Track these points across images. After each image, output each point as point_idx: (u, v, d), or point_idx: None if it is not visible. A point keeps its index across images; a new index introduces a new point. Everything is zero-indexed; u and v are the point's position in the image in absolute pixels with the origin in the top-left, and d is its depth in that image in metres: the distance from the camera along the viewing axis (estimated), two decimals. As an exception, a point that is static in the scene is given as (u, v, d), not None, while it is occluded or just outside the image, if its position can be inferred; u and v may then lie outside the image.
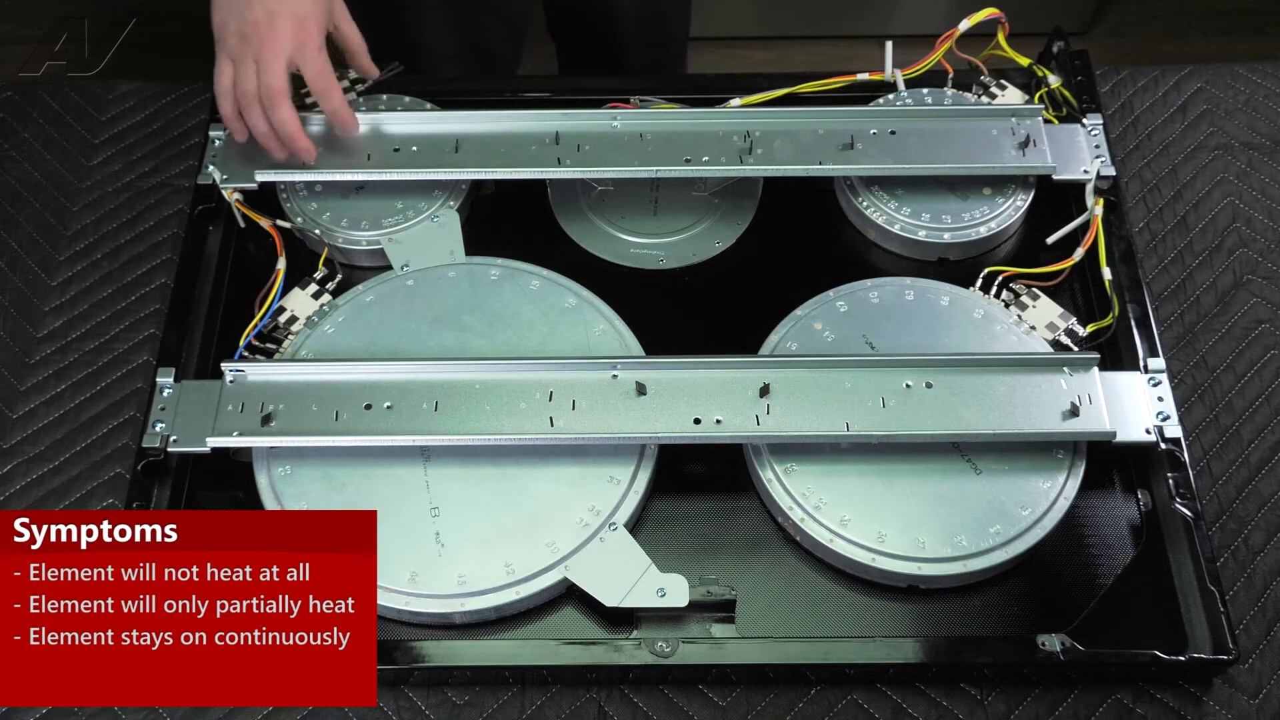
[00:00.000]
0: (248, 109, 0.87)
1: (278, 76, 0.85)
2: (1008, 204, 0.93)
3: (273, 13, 0.85)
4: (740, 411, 0.80)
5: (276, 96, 0.86)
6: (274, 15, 0.85)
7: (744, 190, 0.96)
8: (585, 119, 0.94)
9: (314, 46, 0.86)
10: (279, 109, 0.86)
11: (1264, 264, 0.94)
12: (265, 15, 0.85)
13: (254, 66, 0.85)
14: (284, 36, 0.85)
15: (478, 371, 0.82)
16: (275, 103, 0.86)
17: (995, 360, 0.82)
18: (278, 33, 0.85)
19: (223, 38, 0.87)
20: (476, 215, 0.95)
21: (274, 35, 0.85)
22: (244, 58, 0.86)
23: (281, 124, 0.87)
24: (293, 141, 0.88)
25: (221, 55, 0.88)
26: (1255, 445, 0.85)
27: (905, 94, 0.97)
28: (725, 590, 0.76)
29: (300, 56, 0.86)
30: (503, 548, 0.76)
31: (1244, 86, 1.05)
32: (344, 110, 0.90)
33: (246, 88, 0.86)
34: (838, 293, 0.88)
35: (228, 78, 0.87)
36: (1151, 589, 0.77)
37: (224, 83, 0.88)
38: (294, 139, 0.88)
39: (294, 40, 0.85)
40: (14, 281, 0.94)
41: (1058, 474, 0.79)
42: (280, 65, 0.85)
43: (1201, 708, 0.75)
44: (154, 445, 0.80)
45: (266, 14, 0.85)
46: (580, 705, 0.76)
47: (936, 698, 0.76)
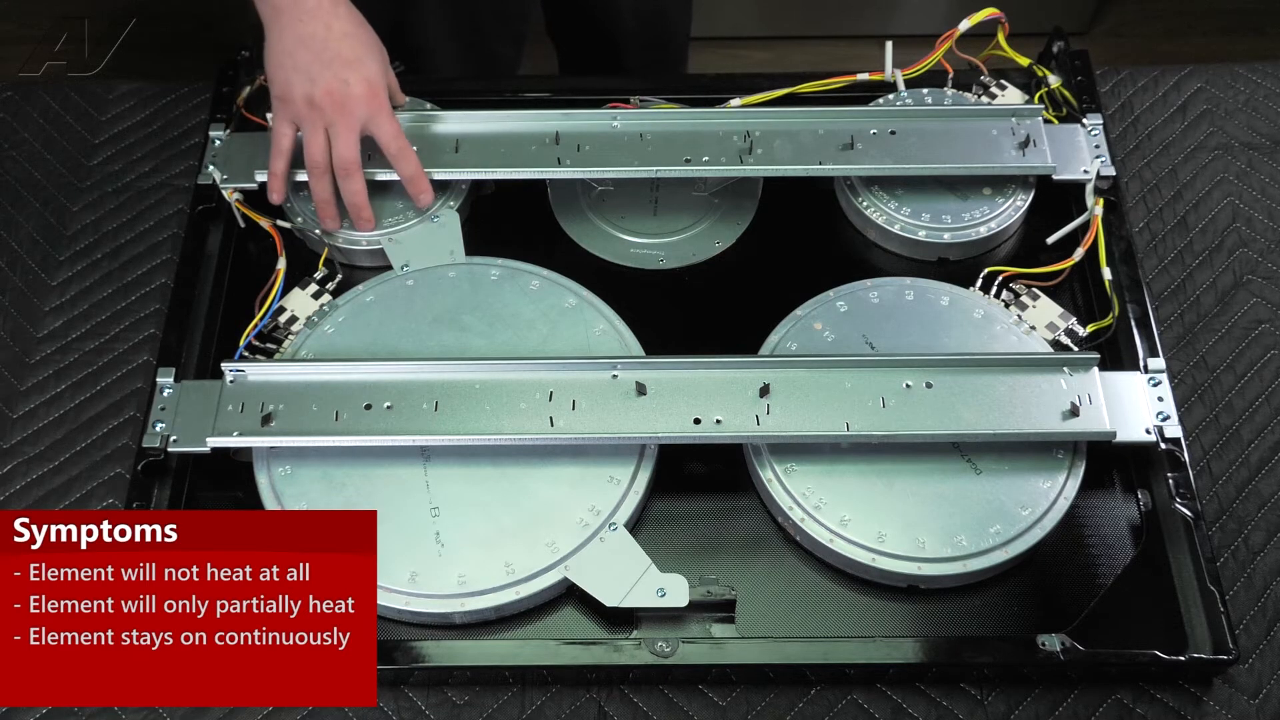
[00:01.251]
0: (316, 178, 0.86)
1: (354, 148, 0.85)
2: (1008, 204, 0.93)
3: (346, 81, 0.83)
4: (740, 411, 0.80)
5: (353, 169, 0.86)
6: (348, 84, 0.83)
7: (744, 190, 0.96)
8: (585, 119, 0.94)
9: (386, 112, 0.86)
10: (353, 181, 0.86)
11: (1264, 264, 0.94)
12: (339, 83, 0.83)
13: (324, 135, 0.84)
14: (359, 105, 0.84)
15: (478, 371, 0.82)
16: (350, 175, 0.86)
17: (995, 360, 0.82)
18: (353, 102, 0.84)
19: (286, 98, 0.85)
20: (476, 215, 0.95)
21: (350, 104, 0.84)
22: (314, 125, 0.84)
23: (353, 194, 0.87)
24: (360, 211, 0.88)
25: (282, 118, 0.86)
26: (1255, 445, 0.85)
27: (905, 94, 0.97)
28: (725, 590, 0.76)
29: (374, 124, 0.85)
30: (503, 548, 0.76)
31: (1244, 86, 1.05)
32: (420, 176, 0.88)
33: (318, 158, 0.86)
34: (838, 293, 0.88)
35: (288, 140, 0.87)
36: (1151, 589, 0.77)
37: (283, 144, 0.87)
38: (361, 209, 0.88)
39: (369, 108, 0.84)
40: (14, 281, 0.94)
41: (1058, 474, 0.79)
42: (356, 136, 0.85)
43: (1201, 708, 0.75)
44: (154, 445, 0.80)
45: (340, 82, 0.83)
46: (580, 705, 0.76)
47: (936, 698, 0.76)
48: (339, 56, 0.84)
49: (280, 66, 0.85)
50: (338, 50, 0.83)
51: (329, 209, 0.88)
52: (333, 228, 0.89)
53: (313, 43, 0.83)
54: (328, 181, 0.87)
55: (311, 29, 0.83)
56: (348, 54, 0.84)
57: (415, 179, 0.89)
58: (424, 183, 0.89)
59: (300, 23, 0.83)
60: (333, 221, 0.89)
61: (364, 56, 0.85)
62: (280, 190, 0.90)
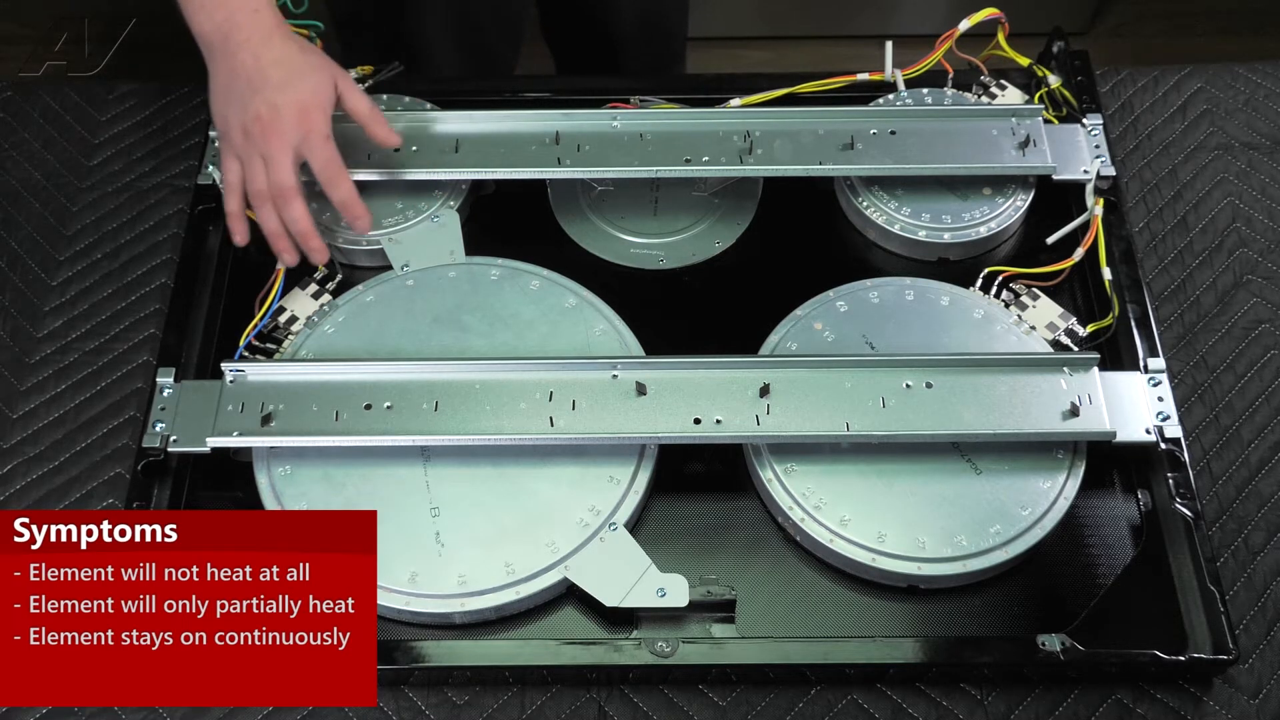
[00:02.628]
0: (259, 208, 0.84)
1: (287, 173, 0.82)
2: (1008, 204, 0.93)
3: (275, 105, 0.81)
4: (740, 411, 0.79)
5: (288, 195, 0.83)
6: (277, 107, 0.81)
7: (744, 190, 0.96)
8: (585, 119, 0.94)
9: (320, 135, 0.83)
10: (291, 207, 0.83)
11: (1264, 264, 0.94)
12: (268, 108, 0.81)
13: (262, 163, 0.83)
14: (289, 129, 0.81)
15: (478, 371, 0.81)
16: (288, 201, 0.83)
17: (995, 360, 0.82)
18: (282, 126, 0.81)
19: (226, 133, 0.84)
20: (476, 215, 0.95)
21: (279, 129, 0.81)
22: (250, 155, 0.83)
23: (294, 223, 0.84)
24: (305, 240, 0.85)
25: (227, 152, 0.85)
26: (1255, 445, 0.85)
27: (905, 94, 0.97)
28: (725, 590, 0.76)
29: (306, 147, 0.82)
30: (503, 548, 0.76)
31: (1244, 86, 1.05)
32: (354, 202, 0.85)
33: (256, 186, 0.83)
34: (838, 293, 0.88)
35: (235, 174, 0.85)
36: (1151, 589, 0.77)
37: (231, 179, 0.85)
38: (307, 238, 0.85)
39: (299, 130, 0.82)
40: (14, 281, 0.94)
41: (1058, 474, 0.79)
42: (289, 160, 0.82)
43: (1201, 708, 0.75)
44: (154, 445, 0.80)
45: (269, 106, 0.81)
46: (580, 705, 0.76)
47: (936, 698, 0.76)
48: (269, 82, 0.82)
49: (217, 102, 0.84)
50: (268, 77, 0.82)
51: (280, 240, 0.85)
52: (289, 261, 0.86)
53: (243, 73, 0.82)
54: (271, 210, 0.84)
55: (241, 60, 0.82)
56: (277, 79, 0.82)
57: (347, 204, 0.85)
58: (358, 208, 0.85)
59: (231, 56, 0.82)
60: (288, 254, 0.86)
61: (295, 80, 0.82)
62: (242, 231, 0.87)
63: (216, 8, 0.82)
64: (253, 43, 0.82)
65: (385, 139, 0.87)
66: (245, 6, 0.83)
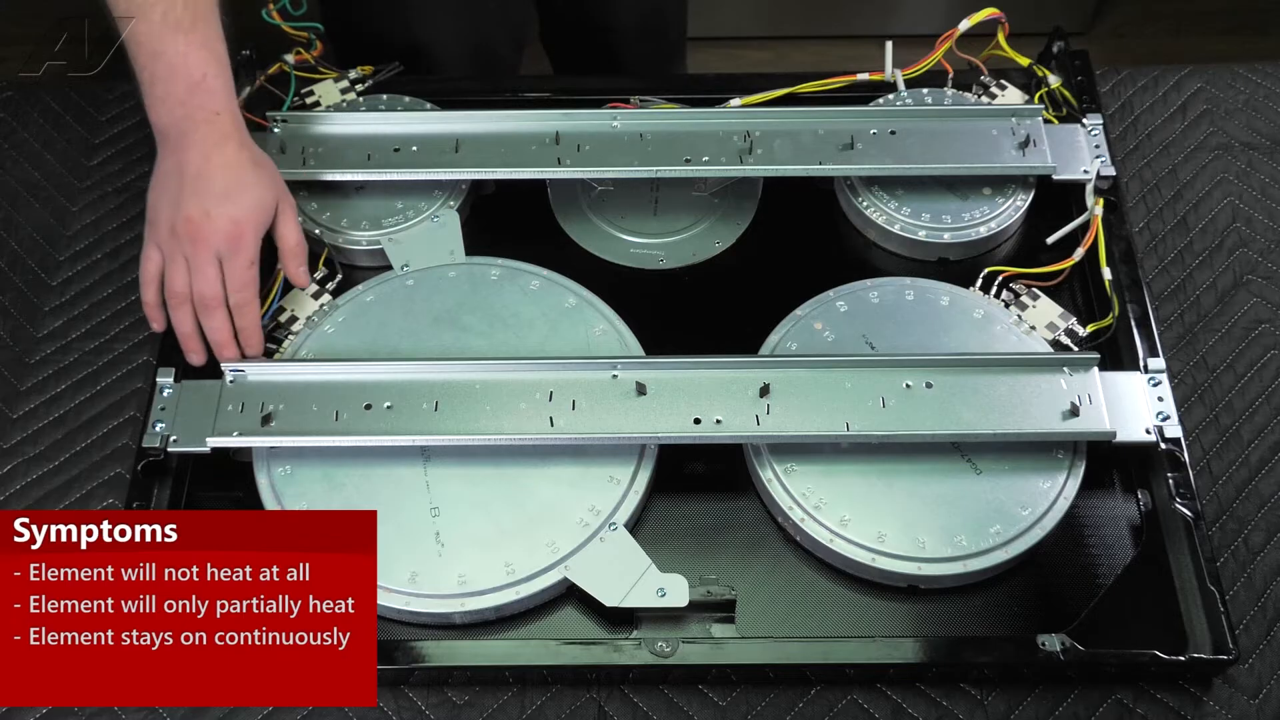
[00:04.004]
0: (175, 308, 0.82)
1: (213, 284, 0.80)
2: (1008, 204, 0.93)
3: (208, 212, 0.79)
4: (740, 411, 0.79)
5: (211, 305, 0.81)
6: (209, 215, 0.79)
7: (744, 190, 0.96)
8: (585, 119, 0.94)
9: (244, 258, 0.80)
10: (213, 317, 0.81)
11: (1264, 264, 0.94)
12: (200, 213, 0.79)
13: (184, 265, 0.80)
14: (216, 239, 0.79)
15: (478, 371, 0.81)
16: (210, 312, 0.81)
17: (995, 360, 0.82)
18: (211, 235, 0.79)
19: (154, 223, 0.82)
20: (476, 215, 0.95)
21: (206, 236, 0.79)
22: (174, 254, 0.80)
23: (214, 331, 0.82)
24: (220, 350, 0.82)
25: (150, 240, 0.82)
26: (1255, 445, 0.85)
27: (905, 94, 0.97)
28: (725, 590, 0.76)
29: (229, 265, 0.80)
30: (503, 548, 0.76)
31: (1244, 86, 1.05)
32: (254, 332, 0.83)
33: (176, 287, 0.81)
34: (838, 293, 0.88)
35: (155, 265, 0.82)
36: (1151, 589, 0.77)
37: (151, 270, 0.83)
38: (222, 348, 0.82)
39: (226, 246, 0.80)
40: (14, 281, 0.94)
41: (1058, 474, 0.79)
42: (214, 271, 0.80)
43: (1201, 708, 0.75)
44: (154, 445, 0.80)
45: (202, 212, 0.79)
46: (580, 705, 0.76)
47: (936, 698, 0.76)
48: (209, 188, 0.80)
49: (154, 191, 0.82)
50: (210, 181, 0.80)
51: (191, 341, 0.83)
52: (197, 362, 0.83)
53: (186, 171, 0.80)
54: (187, 312, 0.82)
55: (189, 158, 0.80)
56: (219, 187, 0.80)
57: (247, 331, 0.82)
58: (255, 337, 0.83)
59: (181, 150, 0.80)
60: (197, 356, 0.83)
61: (237, 192, 0.80)
62: (159, 320, 0.85)
63: (176, 104, 0.80)
64: (206, 144, 0.80)
65: (295, 277, 0.86)
66: (206, 107, 0.80)
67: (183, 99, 0.80)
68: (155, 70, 0.80)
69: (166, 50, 0.79)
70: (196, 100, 0.80)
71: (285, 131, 0.93)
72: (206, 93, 0.80)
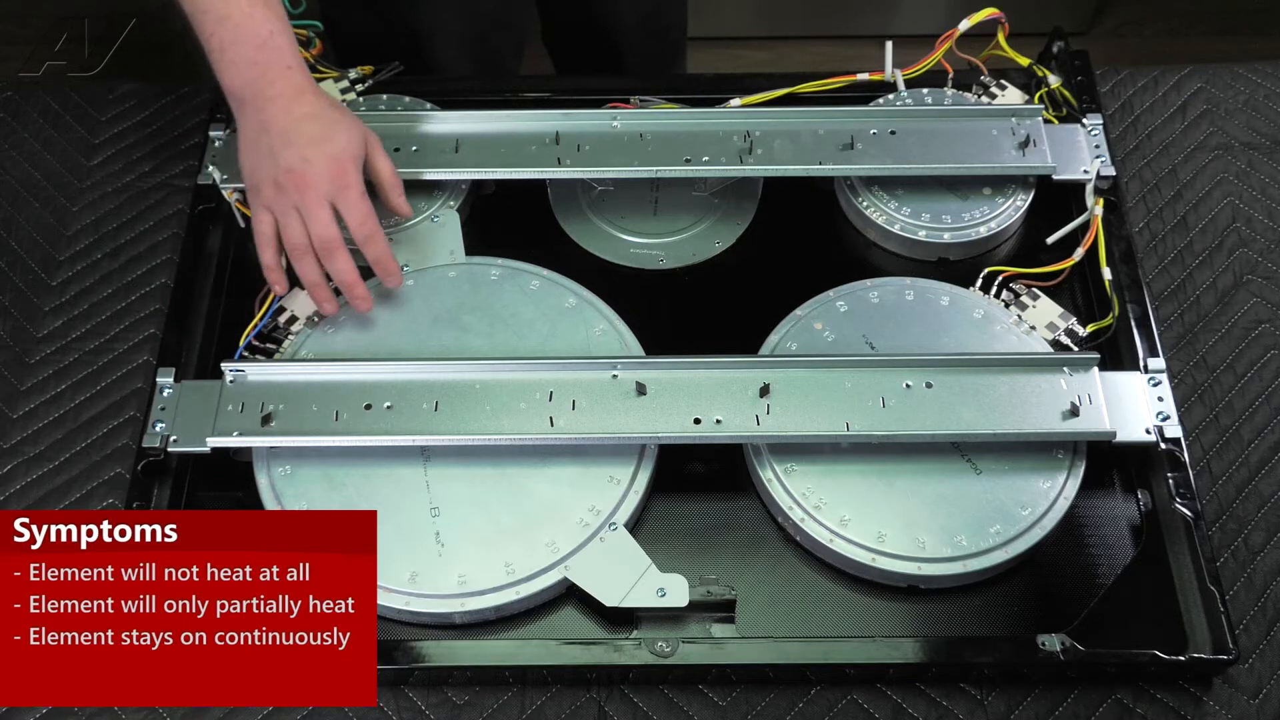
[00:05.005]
0: (299, 260, 0.82)
1: (328, 226, 0.81)
2: (1008, 204, 0.93)
3: (307, 158, 0.80)
4: (740, 411, 0.80)
5: (333, 247, 0.81)
6: (308, 161, 0.80)
7: (744, 190, 0.96)
8: (585, 119, 0.94)
9: (354, 191, 0.81)
10: (337, 259, 0.82)
11: (1264, 264, 0.94)
12: (300, 161, 0.80)
13: (298, 216, 0.81)
14: (323, 181, 0.80)
15: (478, 371, 0.82)
16: (333, 254, 0.82)
17: (995, 360, 0.82)
18: (316, 179, 0.80)
19: (256, 186, 0.82)
20: (476, 215, 0.95)
21: (313, 182, 0.80)
22: (285, 208, 0.81)
23: (341, 273, 0.82)
24: (351, 290, 0.83)
25: (257, 205, 0.83)
26: (1255, 445, 0.85)
27: (905, 94, 0.97)
28: (725, 590, 0.76)
29: (341, 201, 0.81)
30: (503, 548, 0.76)
31: (1244, 86, 1.05)
32: (388, 260, 0.84)
33: (295, 240, 0.82)
34: (838, 293, 0.88)
35: (269, 226, 0.83)
36: (1151, 589, 0.77)
37: (266, 231, 0.83)
38: (353, 287, 0.83)
39: (333, 185, 0.80)
40: (14, 281, 0.94)
41: (1058, 474, 0.79)
42: (327, 213, 0.81)
43: (1201, 708, 0.75)
44: (154, 445, 0.80)
45: (301, 160, 0.80)
46: (580, 705, 0.76)
47: (936, 698, 0.76)
48: (302, 136, 0.81)
49: (247, 155, 0.83)
50: (300, 131, 0.81)
51: (321, 290, 0.84)
52: (330, 310, 0.85)
53: (273, 128, 0.81)
54: (311, 262, 0.82)
55: (272, 114, 0.81)
56: (311, 133, 0.81)
57: (381, 262, 0.84)
58: (392, 265, 0.84)
59: (262, 110, 0.81)
60: (329, 304, 0.85)
61: (329, 135, 0.81)
62: (282, 282, 0.85)
63: (248, 64, 0.81)
64: (284, 98, 0.81)
65: (399, 207, 0.87)
66: (278, 63, 0.81)
67: (254, 58, 0.81)
68: (223, 35, 0.81)
69: (232, 13, 0.81)
70: (267, 58, 0.81)
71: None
72: (275, 50, 0.81)
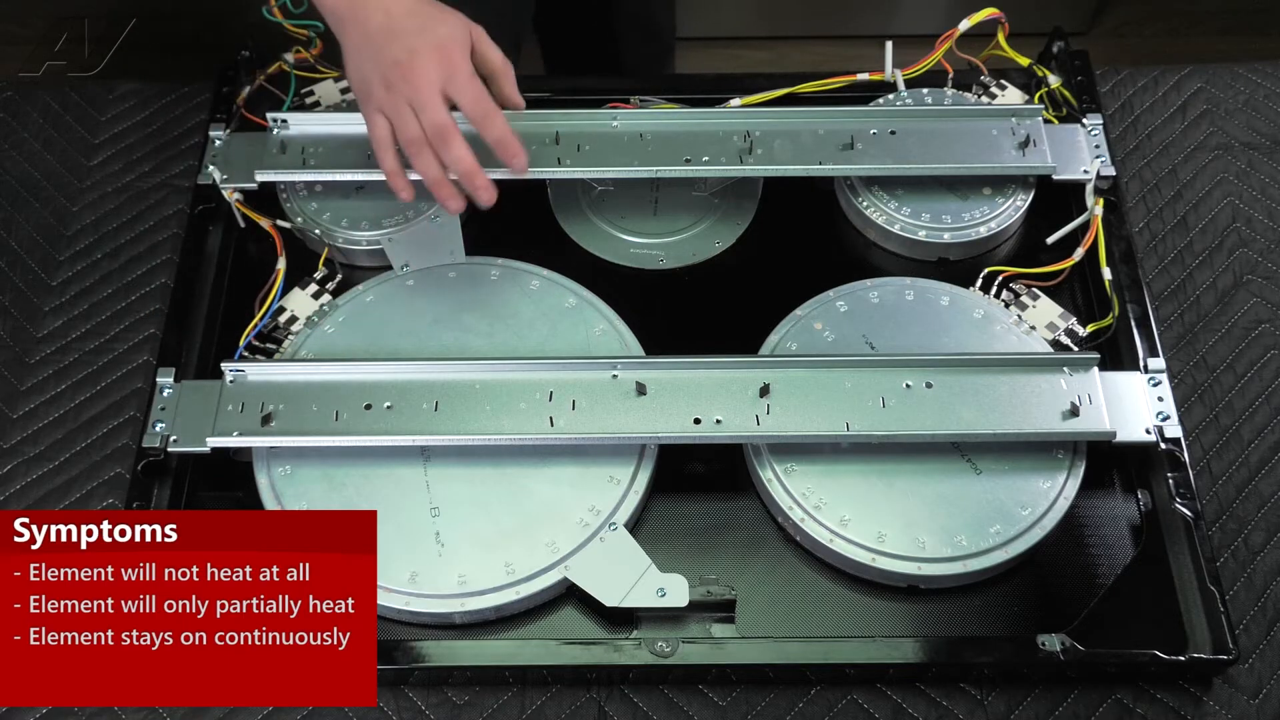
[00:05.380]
0: (417, 155, 0.81)
1: (442, 113, 0.79)
2: (1008, 204, 0.93)
3: (413, 49, 0.79)
4: (740, 411, 0.80)
5: (448, 134, 0.79)
6: (414, 51, 0.79)
7: (744, 190, 0.96)
8: (585, 119, 0.94)
9: (464, 74, 0.79)
10: (453, 147, 0.79)
11: (1264, 264, 0.94)
12: (406, 53, 0.79)
13: (410, 111, 0.79)
14: (432, 69, 0.79)
15: (478, 371, 0.82)
16: (448, 141, 0.79)
17: (995, 360, 0.82)
18: (425, 67, 0.79)
19: (366, 91, 0.82)
20: (476, 215, 0.95)
21: (422, 70, 0.79)
22: (397, 105, 0.80)
23: (458, 161, 0.80)
24: (472, 179, 0.81)
25: (369, 109, 0.82)
26: (1255, 445, 0.85)
27: (905, 94, 0.97)
28: (725, 590, 0.76)
29: (452, 86, 0.79)
30: (503, 548, 0.76)
31: (1244, 86, 1.05)
32: (509, 138, 0.81)
33: (411, 133, 0.80)
34: (838, 293, 0.88)
35: (384, 129, 0.81)
36: (1151, 589, 0.77)
37: (381, 134, 0.81)
38: (473, 176, 0.80)
39: (442, 71, 0.79)
40: (14, 281, 0.94)
41: (1058, 474, 0.79)
42: (439, 100, 0.79)
43: (1201, 708, 0.75)
44: (154, 445, 0.80)
45: (407, 51, 0.79)
46: (580, 705, 0.76)
47: (936, 698, 0.76)
48: (404, 32, 0.80)
49: (351, 64, 0.83)
50: (402, 27, 0.80)
51: (443, 187, 0.82)
52: (455, 207, 0.82)
53: (376, 32, 0.81)
54: (429, 156, 0.80)
55: (371, 19, 0.81)
56: (412, 27, 0.80)
57: (503, 142, 0.81)
58: (515, 145, 0.81)
59: (360, 21, 0.81)
60: (454, 200, 0.82)
61: (430, 26, 0.80)
62: (406, 187, 0.83)
63: None
64: (383, 3, 0.81)
65: (510, 97, 0.85)
66: None
67: None
68: None
69: None
70: None
71: (285, 132, 0.93)
72: None
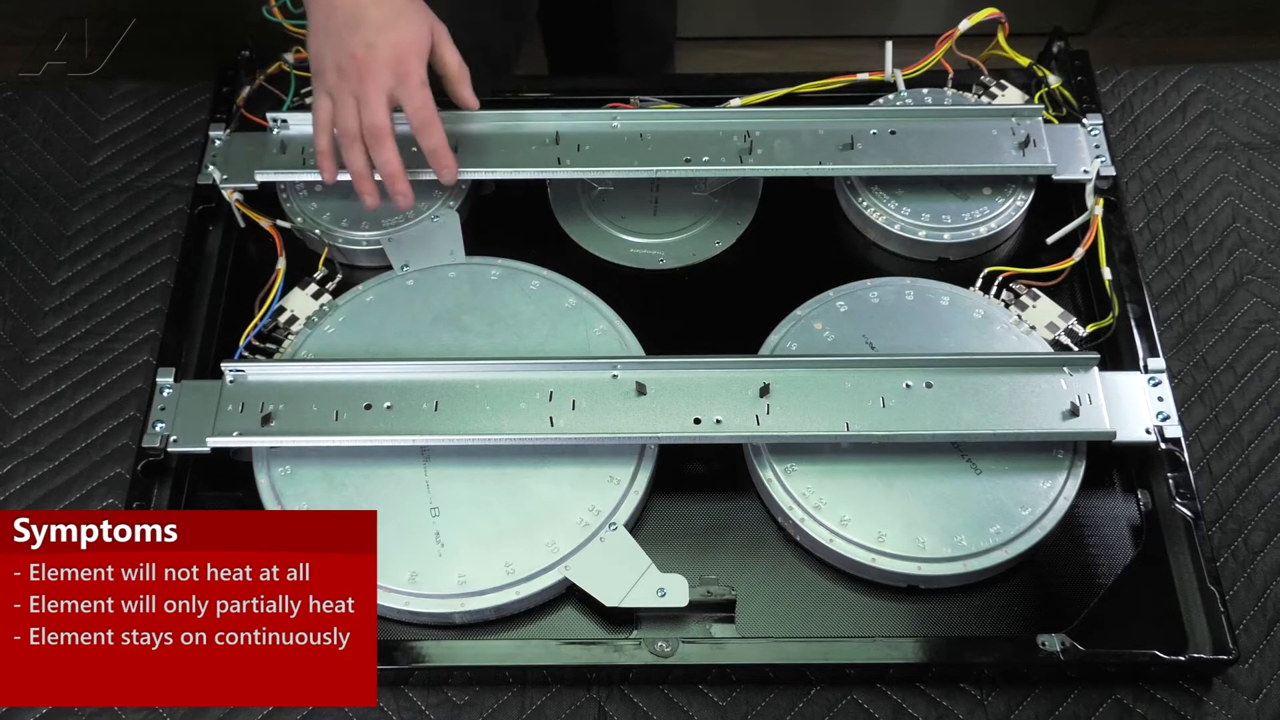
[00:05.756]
0: (348, 147, 0.83)
1: (381, 114, 0.81)
2: (1008, 204, 0.93)
3: (371, 44, 0.80)
4: (740, 411, 0.79)
5: (382, 135, 0.81)
6: (372, 47, 0.80)
7: (744, 190, 0.96)
8: (585, 119, 0.94)
9: (415, 80, 0.81)
10: (384, 149, 0.82)
11: (1264, 264, 0.94)
12: (363, 47, 0.80)
13: (354, 103, 0.81)
14: (384, 69, 0.80)
15: (478, 371, 0.82)
16: (381, 142, 0.82)
17: (995, 360, 0.82)
18: (377, 66, 0.80)
19: (320, 71, 0.83)
20: (476, 215, 0.95)
21: (373, 68, 0.80)
22: (343, 93, 0.82)
23: (385, 164, 0.83)
24: (393, 183, 0.83)
25: (319, 89, 0.83)
26: (1255, 445, 0.85)
27: (905, 94, 0.97)
28: (725, 590, 0.76)
29: (402, 91, 0.81)
30: (503, 548, 0.76)
31: (1244, 86, 1.05)
32: (444, 151, 0.84)
33: (347, 125, 0.82)
34: (838, 293, 0.88)
35: (326, 111, 0.83)
36: (1151, 589, 0.77)
37: (322, 116, 0.83)
38: (395, 180, 0.83)
39: (394, 73, 0.81)
40: (14, 281, 0.94)
41: (1058, 474, 0.79)
42: (382, 102, 0.81)
43: (1201, 708, 0.75)
44: (154, 445, 0.80)
45: (365, 46, 0.80)
46: (580, 705, 0.76)
47: (936, 698, 0.76)
48: (367, 23, 0.81)
49: (313, 40, 0.83)
50: (366, 17, 0.81)
51: (365, 182, 0.84)
52: (371, 204, 0.85)
53: (339, 14, 0.81)
54: (359, 150, 0.83)
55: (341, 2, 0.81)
56: (376, 19, 0.80)
57: (436, 153, 0.84)
58: (447, 158, 0.85)
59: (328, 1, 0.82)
60: (371, 197, 0.85)
61: (394, 22, 0.81)
62: (330, 169, 0.85)
63: None
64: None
65: (465, 99, 0.87)
66: None
67: None
68: None
69: None
70: None
71: (285, 132, 0.93)
72: None
